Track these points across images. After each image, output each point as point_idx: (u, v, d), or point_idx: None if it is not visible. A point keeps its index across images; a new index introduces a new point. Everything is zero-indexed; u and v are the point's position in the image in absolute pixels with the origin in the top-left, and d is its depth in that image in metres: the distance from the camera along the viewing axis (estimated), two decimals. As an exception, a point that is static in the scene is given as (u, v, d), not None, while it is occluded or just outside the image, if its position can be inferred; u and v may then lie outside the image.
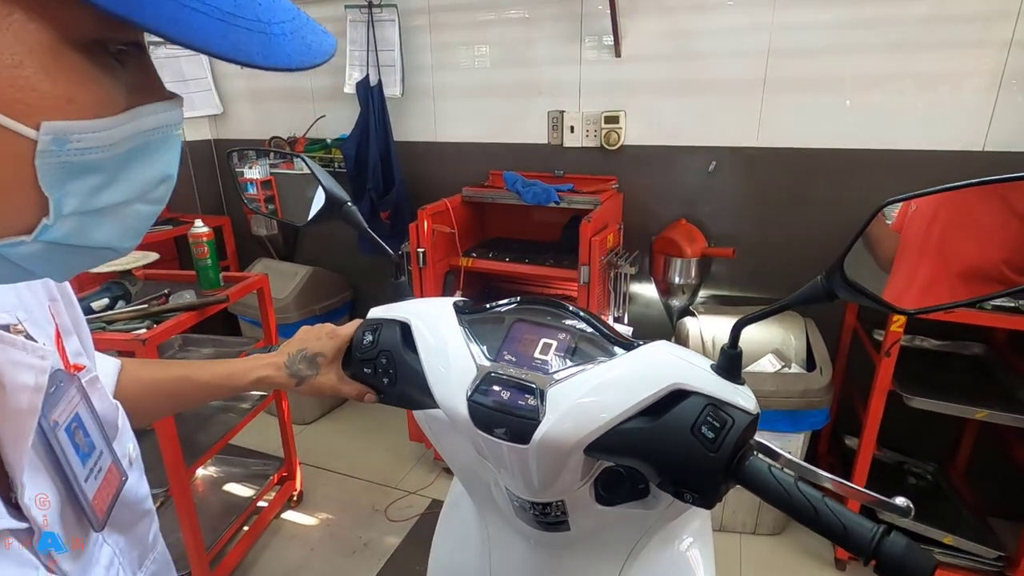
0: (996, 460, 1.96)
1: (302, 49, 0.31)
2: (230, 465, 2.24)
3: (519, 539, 0.79)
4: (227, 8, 0.28)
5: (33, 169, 0.28)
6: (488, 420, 0.59)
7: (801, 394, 1.77)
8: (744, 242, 2.11)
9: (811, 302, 0.55)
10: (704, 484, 0.53)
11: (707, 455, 0.52)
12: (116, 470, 0.46)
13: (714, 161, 2.09)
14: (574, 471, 0.60)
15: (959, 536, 1.73)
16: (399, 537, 2.08)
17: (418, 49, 2.37)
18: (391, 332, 0.71)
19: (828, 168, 1.97)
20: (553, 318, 0.67)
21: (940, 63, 1.77)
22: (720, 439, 0.52)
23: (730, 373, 0.56)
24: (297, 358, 0.72)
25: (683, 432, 0.53)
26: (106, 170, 0.31)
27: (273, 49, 0.30)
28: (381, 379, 0.71)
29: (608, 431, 0.55)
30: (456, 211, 2.11)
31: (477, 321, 0.68)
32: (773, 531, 2.03)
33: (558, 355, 0.62)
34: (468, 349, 0.65)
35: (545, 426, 0.56)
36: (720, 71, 1.99)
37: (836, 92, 1.89)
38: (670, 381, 0.55)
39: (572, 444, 0.56)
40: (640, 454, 0.56)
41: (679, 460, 0.53)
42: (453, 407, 0.62)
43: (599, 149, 2.21)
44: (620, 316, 2.09)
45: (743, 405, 0.54)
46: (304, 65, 0.31)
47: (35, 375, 0.42)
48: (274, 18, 0.30)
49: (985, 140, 1.78)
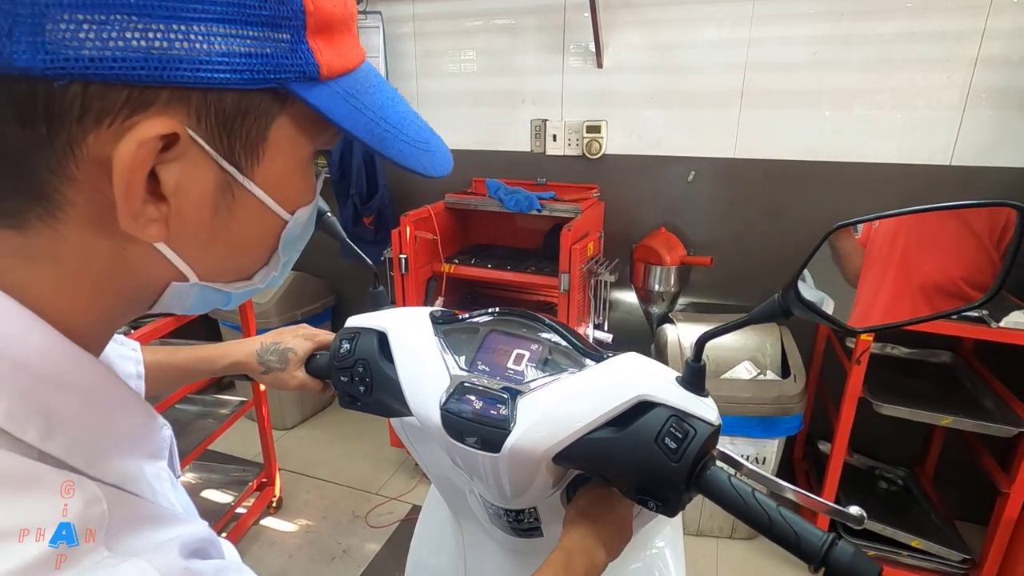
0: (963, 466, 2.01)
1: (443, 160, 0.44)
2: (209, 471, 2.22)
3: (494, 546, 0.81)
4: (415, 136, 0.41)
5: (277, 240, 0.39)
6: (460, 429, 0.60)
7: (775, 400, 1.81)
8: (722, 251, 2.15)
9: (769, 319, 0.58)
10: (667, 493, 0.55)
11: (669, 465, 0.53)
12: None
13: (693, 171, 2.13)
14: (544, 479, 0.62)
15: (927, 540, 1.77)
16: (379, 543, 2.07)
17: (403, 56, 2.38)
18: (368, 341, 0.72)
19: (803, 180, 2.02)
20: (528, 330, 0.68)
21: (911, 79, 1.83)
22: (682, 449, 0.53)
23: (694, 385, 0.58)
24: (269, 349, 0.79)
25: (647, 442, 0.54)
26: (302, 238, 0.43)
27: (432, 162, 0.42)
28: (358, 387, 0.72)
29: (576, 440, 0.57)
30: (439, 218, 2.13)
31: (452, 331, 0.70)
32: (749, 535, 2.07)
33: (531, 365, 0.64)
34: (443, 359, 0.66)
35: (515, 435, 0.58)
36: (699, 83, 2.03)
37: (811, 106, 1.94)
38: (636, 392, 0.56)
39: (541, 453, 0.57)
40: (606, 463, 0.57)
41: (643, 469, 0.55)
42: (427, 416, 0.63)
43: (581, 158, 2.24)
44: (600, 323, 2.12)
45: (705, 416, 0.55)
46: (446, 172, 0.44)
47: (135, 365, 0.56)
48: (431, 140, 0.43)
49: (952, 155, 1.84)
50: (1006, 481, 1.61)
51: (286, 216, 0.38)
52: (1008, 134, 1.78)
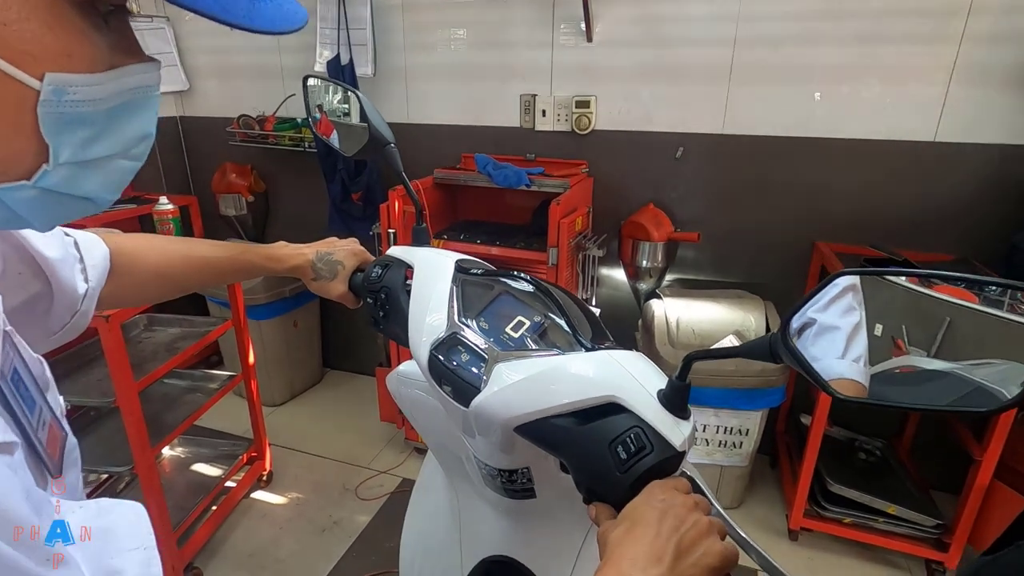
0: (937, 438, 2.07)
1: (280, 15, 0.35)
2: (198, 446, 2.23)
3: (488, 507, 0.82)
4: None
5: (35, 117, 0.31)
6: (440, 375, 0.63)
7: (759, 374, 1.84)
8: (709, 227, 2.17)
9: (759, 358, 0.54)
10: (607, 499, 0.54)
11: (614, 474, 0.52)
12: (55, 425, 0.46)
13: (681, 147, 2.13)
14: (520, 443, 0.62)
15: (902, 507, 1.83)
16: (369, 515, 2.10)
17: (391, 29, 2.35)
18: (397, 272, 0.78)
19: (790, 156, 2.03)
20: (539, 301, 0.69)
21: (898, 56, 1.84)
22: (631, 462, 0.52)
23: (672, 403, 0.55)
24: (323, 258, 0.85)
25: (601, 443, 0.53)
26: (95, 124, 0.33)
27: (256, 12, 0.33)
28: (378, 311, 0.78)
29: (537, 420, 0.57)
30: (427, 193, 2.12)
31: (471, 283, 0.71)
32: (731, 504, 2.12)
33: (527, 335, 0.65)
34: (448, 306, 0.68)
35: (482, 396, 0.59)
36: (688, 58, 2.03)
37: (799, 82, 1.95)
38: (607, 392, 0.55)
39: (502, 420, 0.59)
40: (560, 450, 0.58)
41: (591, 468, 0.55)
42: (418, 355, 0.66)
43: (570, 133, 2.24)
44: (588, 298, 2.13)
45: (669, 438, 0.53)
46: (283, 29, 0.35)
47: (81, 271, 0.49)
48: None
49: (936, 131, 1.86)
50: (979, 450, 1.66)
51: (31, 82, 0.30)
52: (991, 111, 1.80)
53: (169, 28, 2.65)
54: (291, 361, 2.75)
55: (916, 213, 1.93)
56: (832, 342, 0.64)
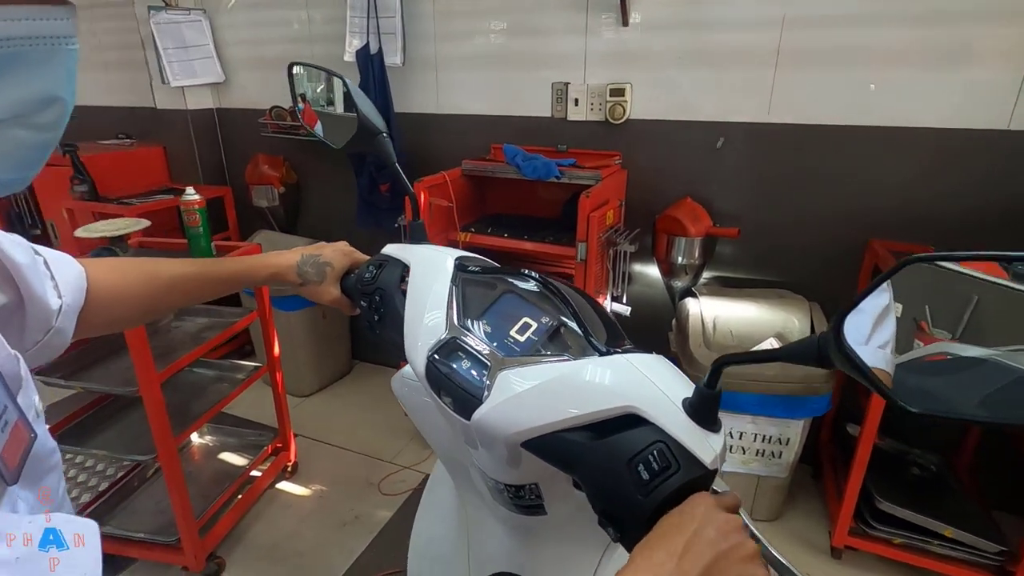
0: (1003, 453, 1.90)
1: None
2: (224, 435, 2.24)
3: (497, 522, 0.77)
4: None
5: None
6: (439, 384, 0.57)
7: (802, 379, 1.71)
8: (750, 222, 2.04)
9: (802, 362, 0.47)
10: (625, 524, 0.47)
11: (635, 496, 0.45)
12: (23, 427, 0.43)
13: (722, 137, 2.01)
14: (515, 457, 0.56)
15: (960, 529, 1.68)
16: (391, 511, 2.08)
17: (420, 17, 2.30)
18: (392, 272, 0.72)
19: (841, 146, 1.88)
20: (548, 301, 0.62)
21: (964, 36, 1.67)
22: (654, 483, 0.45)
23: (700, 413, 0.48)
24: (308, 261, 0.79)
25: (619, 462, 0.46)
26: None
27: None
28: (372, 315, 0.73)
29: (546, 434, 0.50)
30: (455, 184, 2.06)
31: (472, 282, 0.65)
32: (769, 517, 2.00)
33: (533, 338, 0.58)
34: (448, 308, 0.62)
35: (485, 408, 0.53)
36: (731, 42, 1.90)
37: (852, 66, 1.80)
38: (625, 402, 0.48)
39: (508, 435, 0.52)
40: (572, 468, 0.50)
41: (607, 490, 0.47)
42: (415, 361, 0.60)
43: (603, 123, 2.14)
44: (619, 295, 2.04)
45: (698, 455, 0.46)
46: None
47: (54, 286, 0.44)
48: None
49: (1011, 118, 1.69)
50: (1051, 470, 1.50)
51: None
52: (1075, 95, 1.62)
53: (206, 20, 2.68)
54: (319, 352, 2.75)
55: (982, 209, 1.76)
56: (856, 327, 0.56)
